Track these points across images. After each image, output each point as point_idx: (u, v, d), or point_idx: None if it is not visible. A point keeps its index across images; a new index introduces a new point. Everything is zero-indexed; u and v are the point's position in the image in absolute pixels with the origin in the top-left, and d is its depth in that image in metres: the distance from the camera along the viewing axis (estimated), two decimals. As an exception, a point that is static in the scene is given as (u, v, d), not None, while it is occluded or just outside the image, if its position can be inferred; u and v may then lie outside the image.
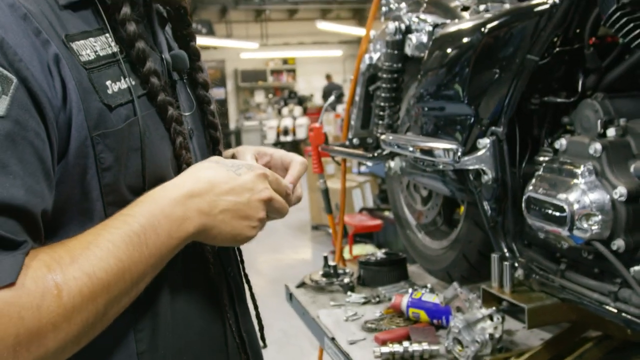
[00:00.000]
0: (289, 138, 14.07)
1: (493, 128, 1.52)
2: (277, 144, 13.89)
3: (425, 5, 2.06)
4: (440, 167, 1.62)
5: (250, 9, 15.28)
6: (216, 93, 16.53)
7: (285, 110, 15.27)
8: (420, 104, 1.76)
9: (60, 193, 0.73)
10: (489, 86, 1.51)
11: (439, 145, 1.55)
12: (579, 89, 1.46)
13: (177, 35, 1.04)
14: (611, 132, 1.32)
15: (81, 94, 0.74)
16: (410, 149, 1.65)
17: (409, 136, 1.74)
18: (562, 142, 1.38)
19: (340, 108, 9.47)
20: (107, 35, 0.82)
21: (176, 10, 1.02)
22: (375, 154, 2.05)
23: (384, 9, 2.19)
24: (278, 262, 6.68)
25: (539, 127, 1.55)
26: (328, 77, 15.84)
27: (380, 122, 2.11)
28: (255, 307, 1.13)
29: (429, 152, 1.59)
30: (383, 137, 1.90)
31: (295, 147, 13.58)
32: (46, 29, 0.73)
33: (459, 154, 1.50)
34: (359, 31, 15.05)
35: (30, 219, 0.67)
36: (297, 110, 15.14)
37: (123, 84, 0.81)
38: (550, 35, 1.41)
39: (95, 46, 0.79)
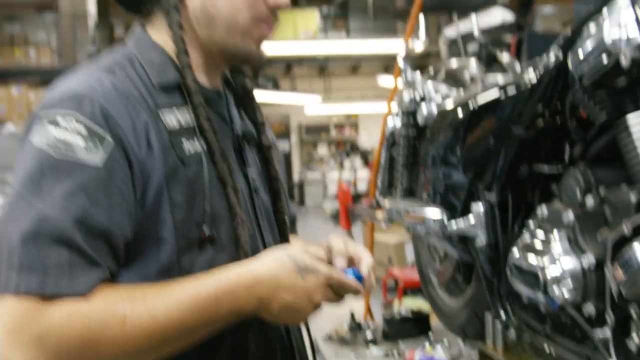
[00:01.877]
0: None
1: (486, 194, 1.62)
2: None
3: (441, 75, 2.19)
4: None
5: (314, 65, 15.73)
6: (281, 146, 16.95)
7: (347, 163, 15.48)
8: (427, 173, 1.88)
9: (139, 226, 0.91)
10: (480, 156, 1.62)
11: (426, 213, 1.66)
12: (566, 159, 1.56)
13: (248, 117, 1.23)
14: (589, 200, 1.40)
15: (162, 151, 0.93)
16: (403, 216, 1.77)
17: (402, 203, 1.86)
18: (542, 210, 1.47)
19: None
20: (187, 108, 1.00)
21: (247, 95, 1.21)
22: (387, 217, 2.17)
23: (404, 75, 2.33)
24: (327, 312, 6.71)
25: (531, 194, 1.64)
26: (390, 130, 15.98)
27: (400, 185, 2.23)
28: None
29: (420, 219, 1.70)
30: (384, 202, 2.02)
31: (356, 199, 13.70)
32: (141, 104, 0.94)
33: (445, 222, 1.60)
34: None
35: (112, 245, 0.87)
36: (359, 163, 15.31)
37: (196, 146, 0.98)
38: (534, 110, 1.52)
39: (178, 115, 0.98)
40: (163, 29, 1.06)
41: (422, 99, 2.13)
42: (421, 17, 2.30)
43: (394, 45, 13.00)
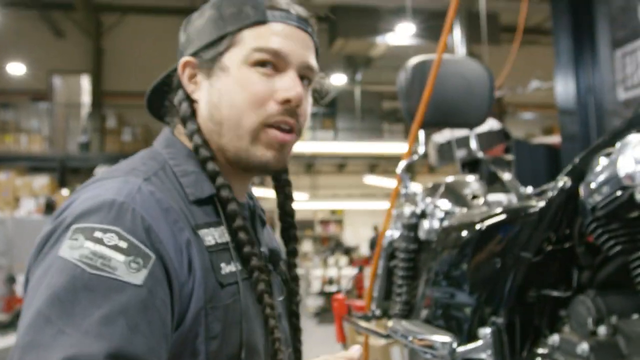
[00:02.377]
0: (333, 288, 14.04)
1: (493, 318, 1.59)
2: (322, 293, 13.86)
3: (440, 191, 2.21)
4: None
5: (301, 162, 15.93)
6: (265, 241, 16.87)
7: (331, 260, 15.37)
8: (429, 290, 1.86)
9: (174, 352, 0.87)
10: (488, 278, 1.61)
11: (434, 338, 1.63)
12: (574, 284, 1.55)
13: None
14: (602, 330, 1.38)
15: (203, 272, 0.90)
16: (410, 339, 1.73)
17: (409, 325, 1.83)
18: (554, 339, 1.44)
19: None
20: (223, 227, 0.98)
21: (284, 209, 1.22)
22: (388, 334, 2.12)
23: (403, 190, 2.35)
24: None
25: (539, 318, 1.62)
26: (375, 228, 16.03)
27: (398, 299, 2.20)
28: None
29: (429, 345, 1.67)
30: (388, 323, 1.99)
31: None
32: (182, 220, 0.91)
33: (454, 346, 1.57)
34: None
35: None
36: (343, 260, 15.22)
37: (232, 267, 0.95)
38: (542, 235, 1.53)
39: (215, 234, 0.96)
40: (187, 140, 1.04)
41: (423, 213, 2.14)
42: (421, 132, 2.35)
43: (379, 147, 13.27)
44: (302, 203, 16.13)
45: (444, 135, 6.01)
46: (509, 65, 8.58)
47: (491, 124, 6.88)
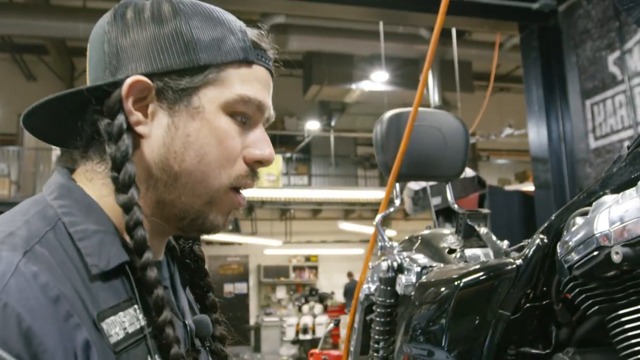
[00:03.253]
0: (308, 336, 13.88)
1: (472, 377, 1.57)
2: (296, 342, 13.69)
3: (417, 244, 2.21)
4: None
5: (275, 208, 15.90)
6: (238, 288, 16.69)
7: (305, 308, 15.24)
8: (406, 346, 1.83)
9: None
10: (466, 336, 1.59)
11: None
12: (553, 341, 1.54)
13: (193, 283, 1.02)
14: (581, 390, 1.37)
15: None
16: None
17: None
18: (534, 400, 1.42)
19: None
20: (135, 306, 0.76)
21: (195, 261, 1.01)
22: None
23: (379, 244, 2.34)
24: None
25: (519, 376, 1.60)
26: (349, 275, 15.98)
27: (376, 354, 2.17)
28: None
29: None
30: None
31: (313, 345, 13.35)
32: (78, 311, 0.67)
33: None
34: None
35: None
36: (318, 308, 15.10)
37: (145, 356, 0.74)
38: (520, 292, 1.51)
39: (124, 322, 0.73)
40: (100, 180, 0.81)
41: (400, 267, 2.13)
42: (396, 185, 2.35)
43: (354, 193, 13.32)
44: (277, 249, 16.04)
45: (419, 182, 6.07)
46: (482, 111, 8.74)
47: (465, 171, 6.99)
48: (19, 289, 0.63)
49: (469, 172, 6.97)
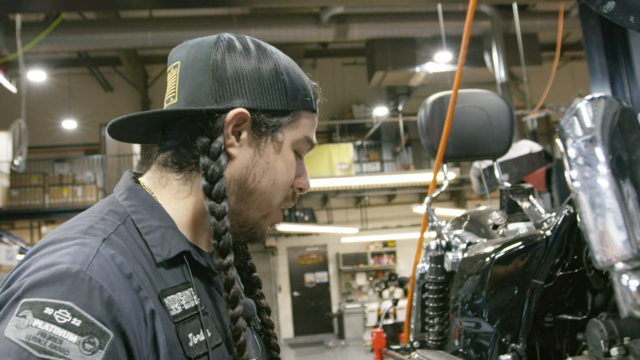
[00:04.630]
0: (389, 321, 13.97)
1: (513, 345, 1.65)
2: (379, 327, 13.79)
3: (465, 222, 2.28)
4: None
5: (349, 196, 16.02)
6: (319, 277, 16.96)
7: (386, 293, 15.33)
8: (457, 320, 1.92)
9: None
10: (504, 306, 1.67)
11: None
12: (589, 307, 1.60)
13: (239, 264, 1.15)
14: (614, 351, 1.43)
15: (169, 347, 0.81)
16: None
17: (433, 356, 1.88)
18: (569, 362, 1.49)
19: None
20: (191, 289, 0.90)
21: (238, 244, 1.14)
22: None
23: (430, 224, 2.42)
24: None
25: (560, 342, 1.67)
26: (428, 257, 15.91)
27: (431, 330, 2.26)
28: None
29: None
30: (414, 356, 2.05)
31: (396, 329, 13.42)
32: (146, 286, 0.81)
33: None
34: (455, 212, 15.28)
35: None
36: (398, 292, 15.15)
37: (201, 337, 0.87)
38: (550, 262, 1.58)
39: (182, 300, 0.87)
40: (175, 187, 0.97)
41: (448, 245, 2.21)
42: (444, 166, 2.43)
43: (425, 176, 13.26)
44: (354, 237, 16.17)
45: (485, 161, 6.02)
46: (549, 83, 8.56)
47: (531, 146, 6.91)
48: (101, 267, 0.78)
49: (535, 147, 6.89)
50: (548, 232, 1.58)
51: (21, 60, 7.95)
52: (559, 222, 1.56)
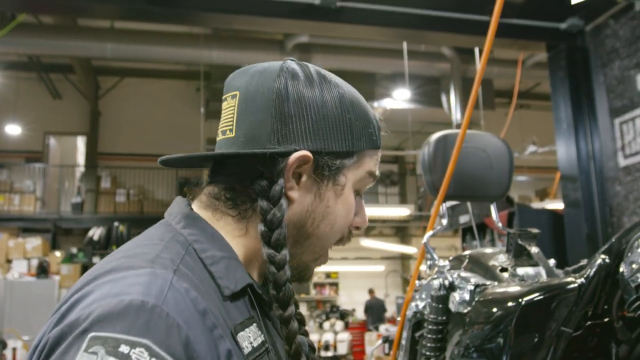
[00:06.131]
0: (329, 353, 13.87)
1: (534, 393, 1.62)
2: (318, 359, 13.68)
3: (465, 262, 2.26)
4: None
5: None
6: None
7: (326, 325, 15.24)
8: (463, 361, 1.89)
9: None
10: (528, 353, 1.64)
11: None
12: (613, 358, 1.59)
13: None
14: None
15: None
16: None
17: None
18: (599, 415, 1.47)
19: (382, 328, 9.48)
20: (255, 324, 0.85)
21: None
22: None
23: (429, 262, 2.40)
24: None
25: (580, 392, 1.65)
26: (371, 291, 15.98)
27: (426, 371, 2.22)
28: None
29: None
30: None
31: (336, 362, 13.34)
32: (220, 324, 0.75)
33: None
34: (400, 248, 15.42)
35: None
36: (339, 324, 15.09)
37: None
38: (581, 310, 1.57)
39: (250, 337, 0.82)
40: (229, 224, 0.91)
41: (452, 285, 2.18)
42: (443, 205, 2.42)
43: (375, 210, 13.34)
44: (297, 265, 16.04)
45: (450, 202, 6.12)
46: (505, 128, 8.77)
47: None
48: (176, 302, 0.71)
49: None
50: (580, 280, 1.57)
51: (-25, 59, 7.62)
52: (592, 271, 1.55)
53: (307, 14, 5.59)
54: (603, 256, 1.55)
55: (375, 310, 14.92)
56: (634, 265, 1.38)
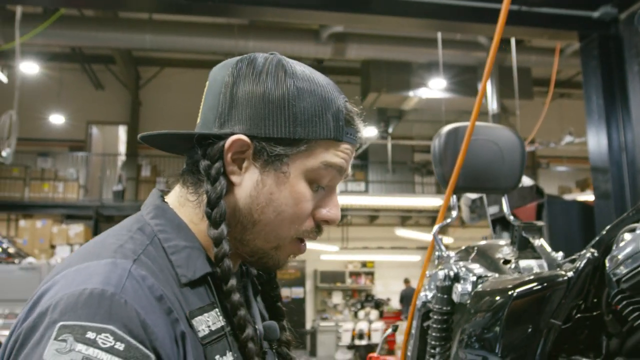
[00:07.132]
0: (363, 342, 13.94)
1: (525, 383, 1.65)
2: (352, 347, 13.77)
3: (473, 254, 2.29)
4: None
5: (332, 215, 16.01)
6: (295, 292, 16.90)
7: (361, 314, 15.30)
8: (462, 352, 1.93)
9: None
10: (519, 343, 1.67)
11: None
12: (603, 351, 1.61)
13: (264, 296, 1.14)
14: (629, 397, 1.44)
15: None
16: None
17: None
18: (584, 406, 1.50)
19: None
20: (217, 310, 0.89)
21: (268, 274, 1.13)
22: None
23: (437, 253, 2.43)
24: None
25: (571, 383, 1.67)
26: (406, 281, 15.96)
27: (432, 359, 2.26)
28: None
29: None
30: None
31: (369, 351, 13.39)
32: (176, 308, 0.81)
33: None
34: (437, 238, 15.34)
35: None
36: (374, 314, 15.13)
37: (228, 358, 0.87)
38: (570, 303, 1.59)
39: (208, 321, 0.86)
40: (190, 207, 0.96)
41: (457, 276, 2.21)
42: (453, 197, 2.45)
43: (410, 200, 13.31)
44: (333, 255, 16.15)
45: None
46: (541, 118, 8.66)
47: (523, 180, 6.94)
48: (133, 289, 0.78)
49: (527, 181, 6.94)
50: (570, 274, 1.59)
51: (18, 51, 7.87)
52: (582, 264, 1.57)
53: (339, 6, 5.62)
54: (592, 250, 1.56)
55: (410, 300, 14.89)
56: (617, 258, 1.40)
